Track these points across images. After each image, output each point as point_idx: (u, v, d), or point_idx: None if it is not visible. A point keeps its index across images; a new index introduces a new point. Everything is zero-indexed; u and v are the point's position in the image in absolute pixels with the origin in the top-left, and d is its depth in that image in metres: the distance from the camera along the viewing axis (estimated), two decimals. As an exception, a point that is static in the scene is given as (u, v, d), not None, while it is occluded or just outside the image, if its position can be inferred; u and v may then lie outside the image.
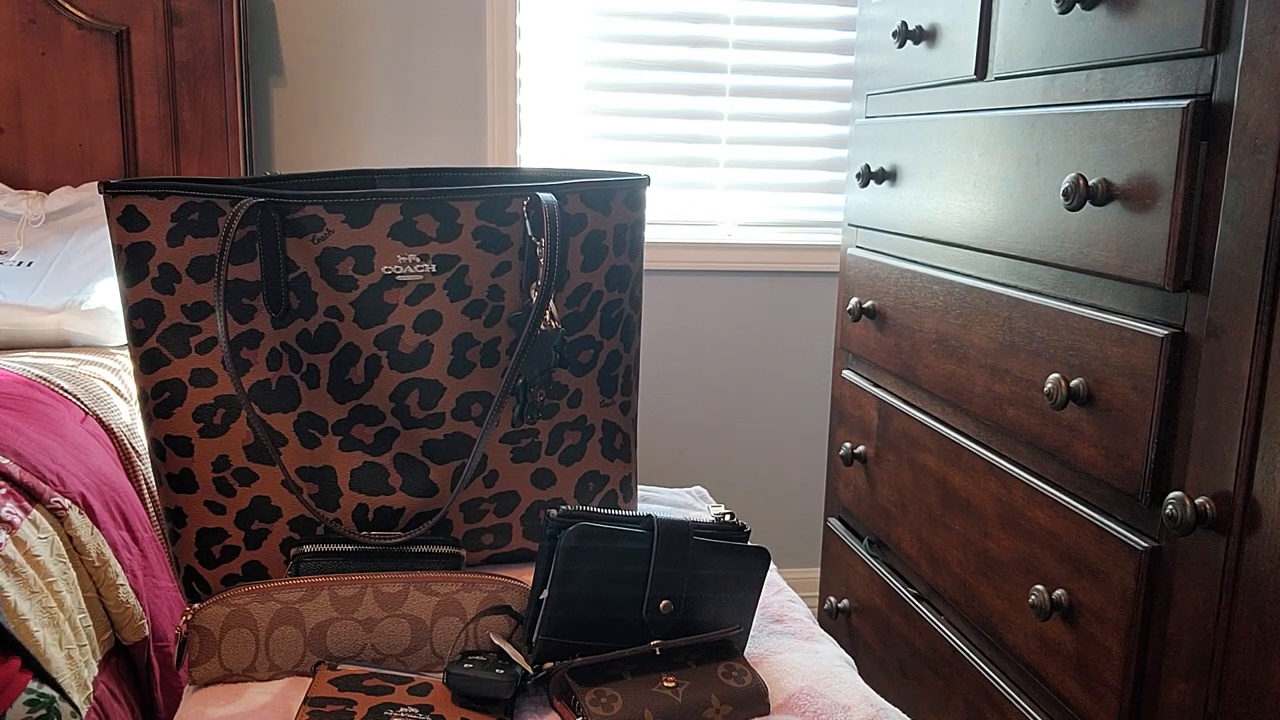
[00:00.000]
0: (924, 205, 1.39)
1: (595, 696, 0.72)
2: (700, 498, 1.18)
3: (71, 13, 1.92)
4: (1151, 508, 0.96)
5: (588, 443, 0.95)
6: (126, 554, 1.25)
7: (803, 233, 2.43)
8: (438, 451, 0.89)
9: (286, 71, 2.18)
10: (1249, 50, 0.83)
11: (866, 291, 1.58)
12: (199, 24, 1.95)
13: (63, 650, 1.04)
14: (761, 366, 2.44)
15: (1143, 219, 0.94)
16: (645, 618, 0.78)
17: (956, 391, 1.29)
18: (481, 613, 0.80)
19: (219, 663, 0.77)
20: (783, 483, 2.50)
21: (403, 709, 0.72)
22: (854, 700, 0.77)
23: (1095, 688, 1.02)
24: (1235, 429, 0.85)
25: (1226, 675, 0.88)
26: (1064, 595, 1.06)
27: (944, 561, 1.33)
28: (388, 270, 0.84)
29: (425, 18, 2.19)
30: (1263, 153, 0.82)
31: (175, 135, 1.98)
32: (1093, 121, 1.01)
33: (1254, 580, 0.84)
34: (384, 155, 2.23)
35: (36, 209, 1.84)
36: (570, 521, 0.75)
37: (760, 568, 0.81)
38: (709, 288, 2.39)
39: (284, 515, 0.88)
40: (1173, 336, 0.92)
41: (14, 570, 1.01)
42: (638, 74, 2.29)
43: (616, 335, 0.94)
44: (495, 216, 0.86)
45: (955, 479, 1.30)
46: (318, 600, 0.78)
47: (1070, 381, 1.03)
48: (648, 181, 0.94)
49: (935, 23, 1.38)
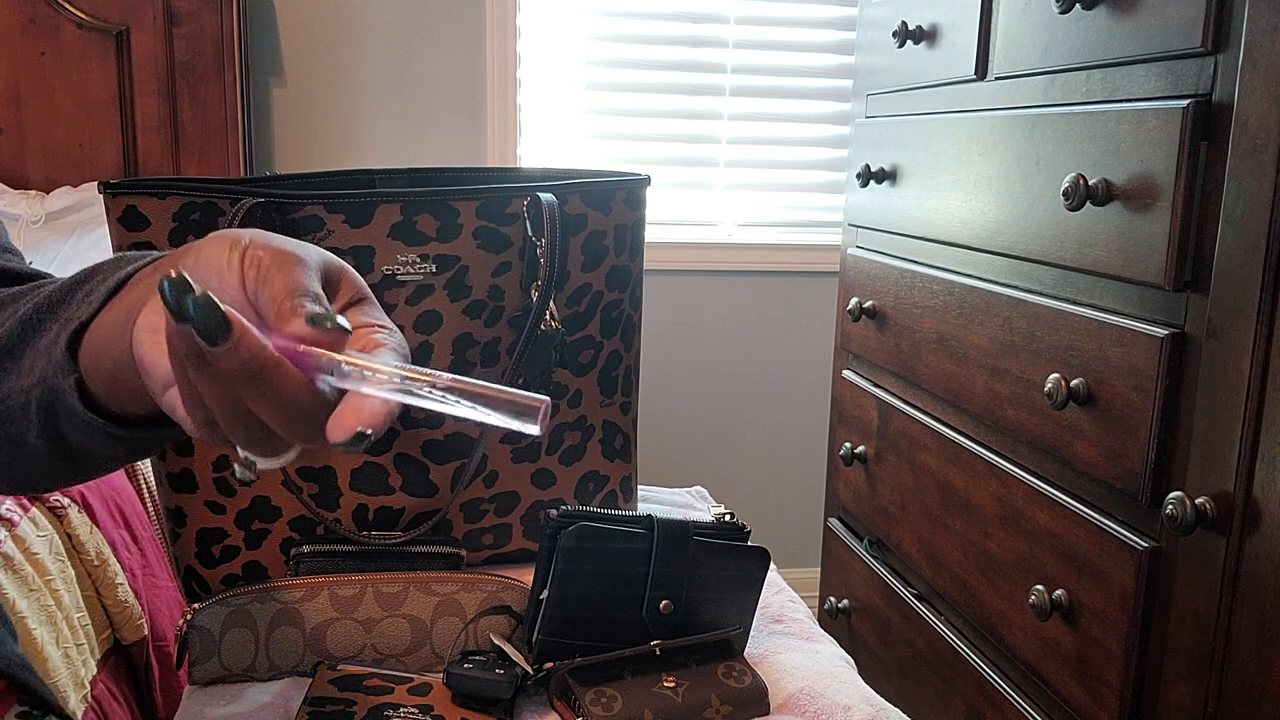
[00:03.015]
0: (924, 205, 1.39)
1: (595, 696, 0.72)
2: (700, 498, 1.18)
3: (71, 13, 1.92)
4: (1151, 508, 0.96)
5: (588, 443, 0.95)
6: (126, 553, 1.25)
7: (803, 233, 2.42)
8: (438, 451, 0.89)
9: (286, 71, 2.18)
10: (1249, 50, 0.83)
11: (866, 291, 1.58)
12: (199, 24, 1.95)
13: (60, 649, 1.04)
14: (761, 366, 2.44)
15: (1143, 219, 0.94)
16: (645, 618, 0.78)
17: (956, 391, 1.29)
18: (481, 613, 0.80)
19: (219, 663, 0.77)
20: (783, 483, 2.50)
21: (403, 709, 0.72)
22: (854, 700, 0.77)
23: (1095, 688, 1.02)
24: (1235, 429, 0.85)
25: (1226, 675, 0.88)
26: (1064, 595, 1.06)
27: (944, 561, 1.33)
28: (388, 270, 0.84)
29: (425, 18, 2.19)
30: (1263, 153, 0.82)
31: (175, 135, 1.98)
32: (1093, 121, 1.01)
33: (1254, 580, 0.84)
34: (384, 155, 2.23)
35: (36, 209, 1.84)
36: (570, 521, 0.75)
37: (760, 568, 0.81)
38: (709, 288, 2.39)
39: (284, 515, 0.88)
40: (1173, 336, 0.92)
41: (12, 568, 1.01)
42: (638, 74, 2.29)
43: (617, 335, 0.94)
44: (495, 216, 0.86)
45: (955, 479, 1.30)
46: (318, 600, 0.78)
47: (1070, 381, 1.03)
48: (648, 181, 0.94)
49: (935, 23, 1.38)
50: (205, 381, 0.39)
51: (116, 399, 0.49)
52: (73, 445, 0.53)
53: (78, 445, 0.53)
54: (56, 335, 0.51)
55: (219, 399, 0.39)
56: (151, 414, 0.51)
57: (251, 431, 0.41)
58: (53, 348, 0.50)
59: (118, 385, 0.48)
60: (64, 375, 0.50)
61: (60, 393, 0.50)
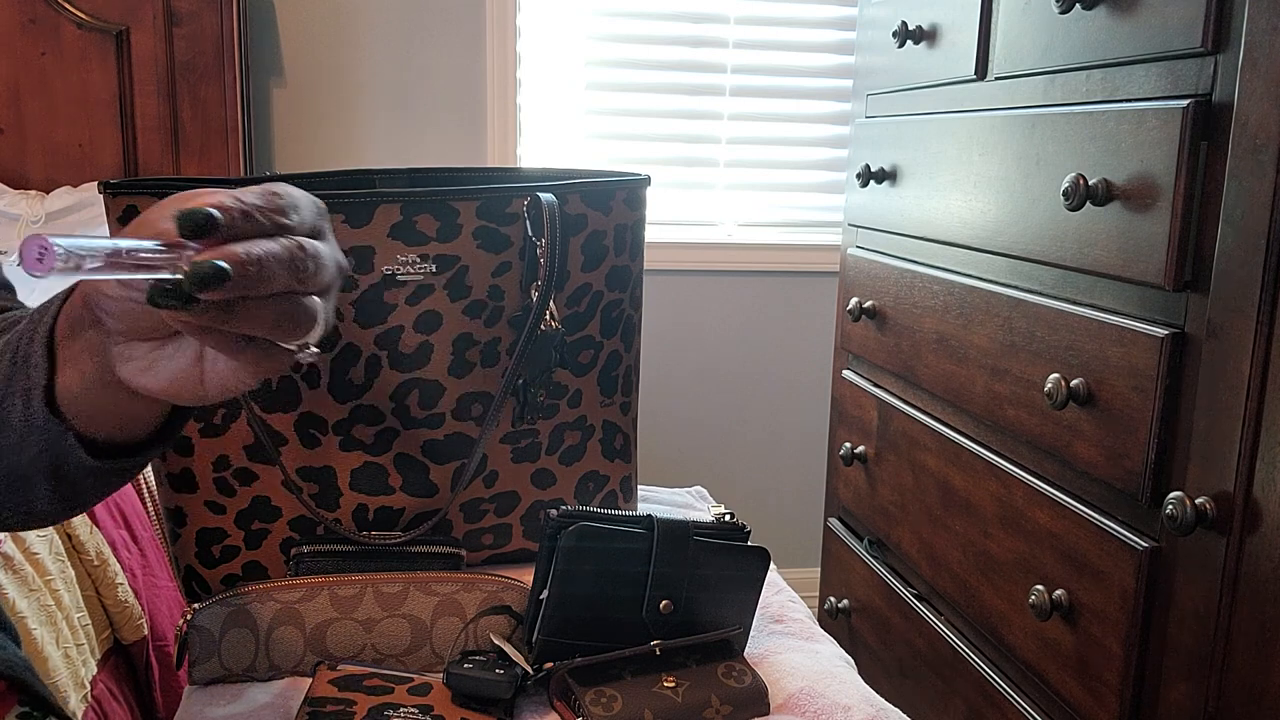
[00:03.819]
0: (924, 205, 1.39)
1: (595, 696, 0.72)
2: (700, 498, 1.18)
3: (71, 13, 1.92)
4: (1151, 508, 0.96)
5: (588, 443, 0.95)
6: (125, 553, 1.25)
7: (803, 233, 2.42)
8: (438, 452, 0.89)
9: (286, 71, 2.18)
10: (1249, 50, 0.83)
11: (866, 291, 1.58)
12: (199, 24, 1.95)
13: (60, 649, 1.04)
14: (761, 366, 2.44)
15: (1143, 219, 0.94)
16: (645, 618, 0.78)
17: (956, 391, 1.29)
18: (481, 613, 0.80)
19: (219, 663, 0.77)
20: (783, 483, 2.50)
21: (403, 709, 0.72)
22: (854, 700, 0.77)
23: (1095, 688, 1.02)
24: (1235, 429, 0.85)
25: (1226, 675, 0.88)
26: (1064, 595, 1.06)
27: (944, 561, 1.33)
28: (388, 270, 0.84)
29: (425, 18, 2.19)
30: (1263, 153, 0.82)
31: (175, 135, 1.98)
32: (1093, 121, 1.01)
33: (1254, 580, 0.84)
34: (384, 155, 2.23)
35: (36, 209, 1.84)
36: (570, 521, 0.75)
37: (760, 568, 0.81)
38: (709, 288, 2.39)
39: (284, 515, 0.88)
40: (1173, 336, 0.92)
41: (12, 568, 1.01)
42: (638, 74, 2.29)
43: (617, 335, 0.94)
44: (495, 216, 0.86)
45: (955, 479, 1.30)
46: (318, 600, 0.78)
47: (1070, 381, 1.03)
48: (648, 181, 0.94)
49: (935, 23, 1.38)
50: (232, 317, 0.42)
51: (106, 435, 0.53)
52: (83, 493, 0.56)
53: (88, 491, 0.56)
54: (25, 406, 0.52)
55: (248, 318, 0.43)
56: (132, 437, 0.54)
57: (284, 316, 0.44)
58: (29, 418, 0.52)
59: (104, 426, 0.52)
60: (62, 436, 0.52)
61: (65, 454, 0.52)
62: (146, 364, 0.47)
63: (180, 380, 0.47)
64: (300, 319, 0.44)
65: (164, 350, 0.48)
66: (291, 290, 0.43)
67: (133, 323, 0.46)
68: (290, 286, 0.43)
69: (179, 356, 0.47)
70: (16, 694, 0.61)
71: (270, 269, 0.42)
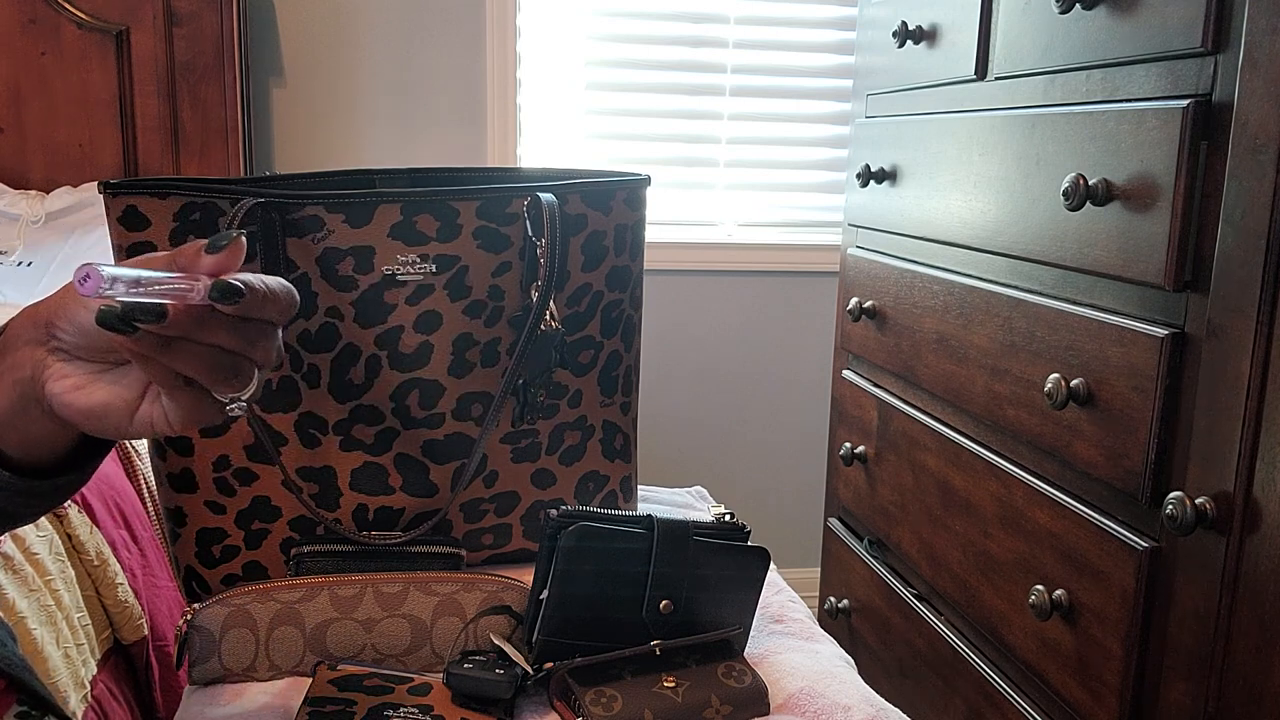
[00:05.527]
0: (924, 205, 1.39)
1: (595, 696, 0.72)
2: (700, 498, 1.18)
3: (71, 13, 1.92)
4: (1151, 508, 0.96)
5: (588, 443, 0.95)
6: (126, 553, 1.25)
7: (803, 233, 2.42)
8: (438, 451, 0.89)
9: (286, 71, 2.18)
10: (1249, 50, 0.83)
11: (866, 291, 1.58)
12: (199, 24, 1.95)
13: (60, 649, 1.04)
14: (761, 366, 2.44)
15: (1143, 219, 0.94)
16: (645, 618, 0.78)
17: (956, 391, 1.29)
18: (481, 613, 0.80)
19: (219, 663, 0.77)
20: (783, 483, 2.50)
21: (403, 709, 0.72)
22: (854, 700, 0.77)
23: (1095, 688, 1.02)
24: (1235, 429, 0.85)
25: (1226, 675, 0.88)
26: (1064, 595, 1.06)
27: (944, 561, 1.33)
28: (388, 270, 0.84)
29: (425, 18, 2.19)
30: (1263, 153, 0.82)
31: (175, 135, 1.98)
32: (1093, 121, 1.01)
33: (1254, 580, 0.84)
34: (384, 155, 2.23)
35: (36, 209, 1.84)
36: (570, 521, 0.75)
37: (760, 568, 0.81)
38: (709, 288, 2.39)
39: (284, 515, 0.88)
40: (1173, 336, 0.92)
41: (12, 568, 1.01)
42: (638, 74, 2.29)
43: (617, 335, 0.94)
44: (495, 216, 0.86)
45: (955, 479, 1.30)
46: (318, 600, 0.78)
47: (1070, 381, 1.03)
48: (648, 181, 0.94)
49: (935, 23, 1.38)
50: (170, 353, 0.47)
51: (28, 457, 0.55)
52: (9, 515, 0.57)
53: (11, 514, 0.57)
54: None
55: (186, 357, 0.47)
56: (34, 461, 0.56)
57: (219, 366, 0.48)
58: None
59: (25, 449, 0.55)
60: None
61: None
62: (80, 383, 0.51)
63: (109, 407, 0.51)
64: (238, 370, 0.49)
65: (105, 375, 0.52)
66: (236, 350, 0.48)
67: (89, 340, 0.50)
68: (237, 348, 0.48)
69: (120, 385, 0.51)
70: (15, 693, 0.61)
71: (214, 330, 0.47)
